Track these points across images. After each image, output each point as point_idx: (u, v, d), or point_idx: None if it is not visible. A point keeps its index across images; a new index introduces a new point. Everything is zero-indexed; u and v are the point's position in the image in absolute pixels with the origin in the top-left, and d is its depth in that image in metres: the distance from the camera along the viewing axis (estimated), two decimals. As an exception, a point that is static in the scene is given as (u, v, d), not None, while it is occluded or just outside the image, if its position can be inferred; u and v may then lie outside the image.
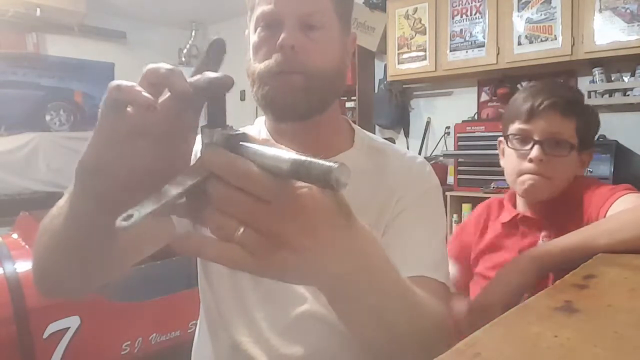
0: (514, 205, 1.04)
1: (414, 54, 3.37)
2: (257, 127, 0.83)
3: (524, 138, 0.98)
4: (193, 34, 5.24)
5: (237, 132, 0.37)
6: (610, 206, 0.84)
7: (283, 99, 0.70)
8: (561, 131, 0.95)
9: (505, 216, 1.02)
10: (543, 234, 0.95)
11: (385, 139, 0.98)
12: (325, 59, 0.71)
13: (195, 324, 0.86)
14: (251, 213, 0.35)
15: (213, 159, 0.36)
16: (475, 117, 3.43)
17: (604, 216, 0.84)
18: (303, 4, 0.69)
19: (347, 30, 0.76)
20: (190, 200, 0.37)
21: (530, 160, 0.95)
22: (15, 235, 1.90)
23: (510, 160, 1.01)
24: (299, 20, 0.68)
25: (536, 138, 0.96)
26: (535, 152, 0.94)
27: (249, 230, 0.36)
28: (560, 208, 0.95)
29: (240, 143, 0.36)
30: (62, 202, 0.51)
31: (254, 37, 0.72)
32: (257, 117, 0.86)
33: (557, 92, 0.98)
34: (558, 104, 0.95)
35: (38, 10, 4.00)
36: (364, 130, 0.84)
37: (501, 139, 1.06)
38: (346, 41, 0.76)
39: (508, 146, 1.01)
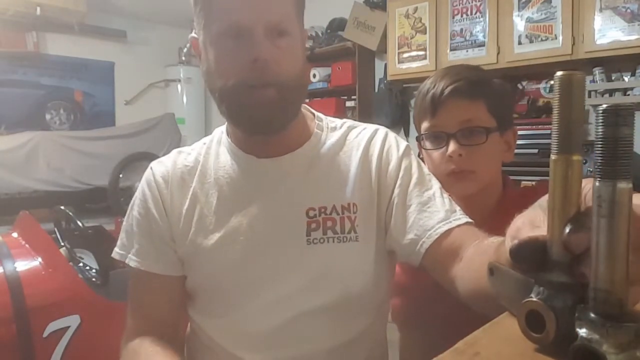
0: None
1: (414, 53, 3.36)
2: (217, 137, 0.81)
3: (436, 135, 0.89)
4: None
5: None
6: None
7: (259, 115, 0.67)
8: (472, 117, 0.86)
9: None
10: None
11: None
12: (294, 67, 0.68)
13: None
14: None
15: None
16: (476, 116, 3.42)
17: None
18: (271, 12, 0.65)
19: (303, 31, 0.74)
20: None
21: (450, 157, 0.86)
22: (15, 234, 1.90)
23: (430, 161, 0.91)
24: (267, 29, 0.65)
25: (448, 132, 0.87)
26: (451, 147, 0.86)
27: None
28: (500, 215, 0.88)
29: None
30: None
31: (215, 49, 0.67)
32: None
33: (457, 75, 0.88)
34: (461, 88, 0.85)
35: (38, 9, 3.99)
36: (319, 113, 0.83)
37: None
38: (305, 42, 0.74)
39: (423, 147, 0.92)
